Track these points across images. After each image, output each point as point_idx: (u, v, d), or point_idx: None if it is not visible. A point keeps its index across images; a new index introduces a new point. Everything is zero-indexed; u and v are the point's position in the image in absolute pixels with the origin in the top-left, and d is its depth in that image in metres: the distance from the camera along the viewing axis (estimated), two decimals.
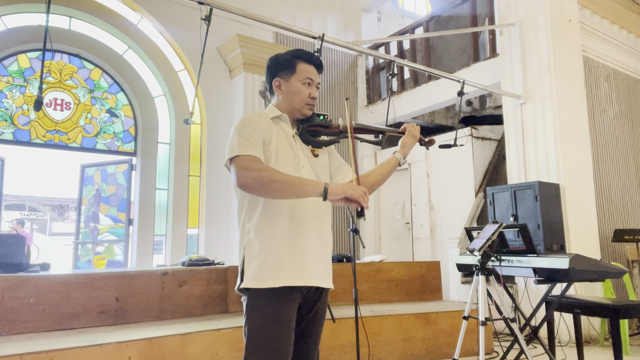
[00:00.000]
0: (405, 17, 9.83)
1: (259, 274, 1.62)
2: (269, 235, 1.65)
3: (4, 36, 5.40)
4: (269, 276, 1.62)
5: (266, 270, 1.62)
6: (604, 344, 4.29)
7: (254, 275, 1.62)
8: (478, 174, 6.01)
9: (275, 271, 1.63)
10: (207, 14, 2.86)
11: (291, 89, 1.79)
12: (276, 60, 1.83)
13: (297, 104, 1.79)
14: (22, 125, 5.56)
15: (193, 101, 3.39)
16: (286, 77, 1.80)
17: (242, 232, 1.70)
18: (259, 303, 1.62)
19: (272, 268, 1.63)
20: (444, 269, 5.19)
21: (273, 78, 1.81)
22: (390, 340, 3.69)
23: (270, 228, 1.65)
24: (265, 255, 1.63)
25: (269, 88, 1.86)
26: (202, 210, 6.38)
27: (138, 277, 3.52)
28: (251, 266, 1.63)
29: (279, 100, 1.82)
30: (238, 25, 6.58)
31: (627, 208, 5.60)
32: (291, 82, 1.79)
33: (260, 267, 1.62)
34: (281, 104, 1.81)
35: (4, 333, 2.95)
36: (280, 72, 1.81)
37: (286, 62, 1.80)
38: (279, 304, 1.63)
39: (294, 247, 1.67)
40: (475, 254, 2.83)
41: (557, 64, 4.73)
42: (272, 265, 1.63)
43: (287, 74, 1.80)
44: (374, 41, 5.03)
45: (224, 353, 3.13)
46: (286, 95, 1.80)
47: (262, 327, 1.60)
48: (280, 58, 1.82)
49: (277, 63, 1.82)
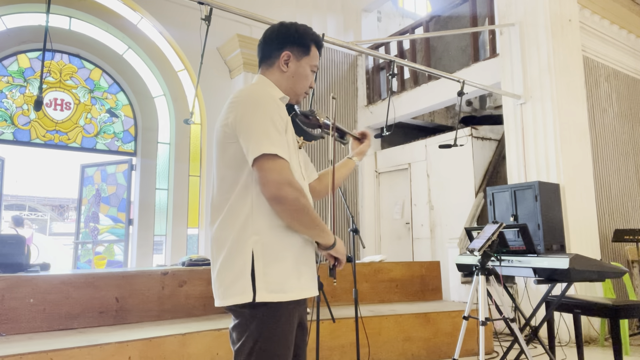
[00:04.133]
0: (405, 17, 9.83)
1: (279, 284, 1.35)
2: (289, 240, 1.40)
3: (4, 36, 5.40)
4: (289, 287, 1.37)
5: (287, 280, 1.37)
6: (604, 344, 4.29)
7: (275, 286, 1.35)
8: (478, 174, 6.01)
9: (294, 280, 1.39)
10: (207, 14, 2.86)
11: (300, 70, 1.56)
12: (288, 30, 1.56)
13: (300, 89, 1.59)
14: (22, 125, 5.56)
15: (193, 101, 3.39)
16: (298, 55, 1.56)
17: (245, 230, 1.37)
18: (275, 319, 1.35)
19: (292, 277, 1.38)
20: (444, 269, 5.19)
21: (282, 49, 1.54)
22: (390, 340, 3.69)
23: (288, 231, 1.40)
24: (286, 262, 1.38)
25: (265, 56, 1.58)
26: (202, 210, 6.38)
27: (138, 277, 3.52)
28: (268, 275, 1.34)
29: (280, 78, 1.56)
30: (238, 25, 6.58)
31: (627, 208, 5.60)
32: (302, 64, 1.56)
33: (281, 276, 1.36)
34: (282, 83, 1.56)
35: (4, 333, 2.95)
36: (292, 47, 1.55)
37: (302, 39, 1.56)
38: (293, 319, 1.40)
39: (308, 255, 1.46)
40: (475, 254, 2.83)
41: (557, 64, 4.73)
42: (293, 273, 1.39)
43: (300, 52, 1.56)
44: (374, 41, 5.03)
45: (224, 353, 3.14)
46: (292, 75, 1.55)
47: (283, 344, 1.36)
48: (293, 30, 1.56)
49: (290, 35, 1.55)
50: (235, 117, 1.40)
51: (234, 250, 1.37)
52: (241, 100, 1.43)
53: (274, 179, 1.32)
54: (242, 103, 1.42)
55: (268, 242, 1.37)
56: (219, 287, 1.39)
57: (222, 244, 1.40)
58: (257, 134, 1.35)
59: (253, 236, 1.36)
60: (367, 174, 7.61)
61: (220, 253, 1.40)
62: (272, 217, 1.38)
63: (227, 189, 1.41)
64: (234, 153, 1.41)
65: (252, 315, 1.34)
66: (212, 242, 1.44)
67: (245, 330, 1.35)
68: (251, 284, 1.33)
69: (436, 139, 6.51)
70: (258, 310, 1.34)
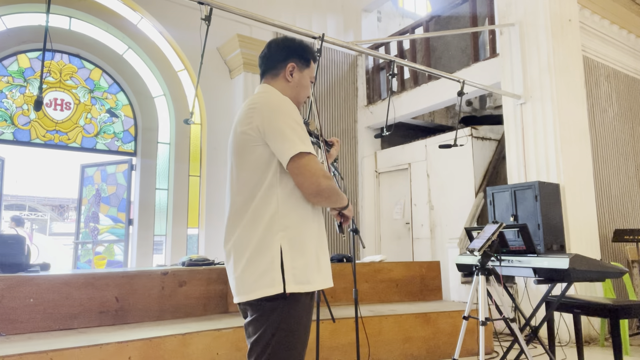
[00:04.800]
0: (405, 17, 9.83)
1: (305, 276, 1.48)
2: (310, 233, 1.53)
3: (4, 36, 5.40)
4: (313, 278, 1.50)
5: (311, 271, 1.50)
6: (604, 344, 4.29)
7: (301, 277, 1.47)
8: (478, 174, 6.01)
9: (316, 272, 1.51)
10: (207, 14, 2.86)
11: (302, 81, 1.72)
12: (292, 43, 1.72)
13: (302, 97, 1.74)
14: (22, 125, 5.56)
15: (193, 101, 3.39)
16: (300, 66, 1.72)
17: (272, 227, 1.48)
18: (301, 309, 1.47)
19: (315, 269, 1.51)
20: (444, 269, 5.19)
21: (287, 60, 1.69)
22: (390, 340, 3.69)
23: (309, 225, 1.53)
24: (309, 254, 1.51)
25: (270, 67, 1.72)
26: (202, 210, 6.38)
27: (138, 277, 3.52)
28: (295, 268, 1.47)
29: (285, 87, 1.69)
30: (238, 25, 6.58)
31: (627, 208, 5.60)
32: (304, 75, 1.73)
33: (306, 268, 1.48)
34: (287, 91, 1.68)
35: (4, 333, 2.95)
36: (296, 59, 1.71)
37: (302, 52, 1.72)
38: (311, 309, 1.52)
39: (324, 246, 1.59)
40: (475, 254, 2.83)
41: (557, 64, 4.73)
42: (315, 265, 1.51)
43: (302, 65, 1.72)
44: (374, 41, 5.02)
45: (224, 353, 3.13)
46: (295, 85, 1.70)
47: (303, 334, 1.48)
48: (296, 45, 1.72)
49: (295, 49, 1.71)
50: (262, 122, 1.50)
51: (262, 247, 1.47)
52: (263, 106, 1.54)
53: (313, 173, 1.46)
54: (265, 109, 1.53)
55: (293, 237, 1.49)
56: (245, 282, 1.48)
57: (248, 243, 1.49)
58: (289, 135, 1.47)
59: (280, 232, 1.47)
60: (367, 174, 7.61)
61: (246, 251, 1.49)
62: (296, 214, 1.51)
63: (251, 190, 1.51)
64: (259, 155, 1.51)
65: (276, 306, 1.44)
66: (236, 242, 1.52)
67: (272, 321, 1.44)
68: (281, 276, 1.44)
69: (436, 139, 6.51)
70: (285, 301, 1.44)
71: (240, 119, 1.58)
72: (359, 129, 7.72)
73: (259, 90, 1.69)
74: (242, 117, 1.57)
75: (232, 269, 1.53)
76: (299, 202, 1.53)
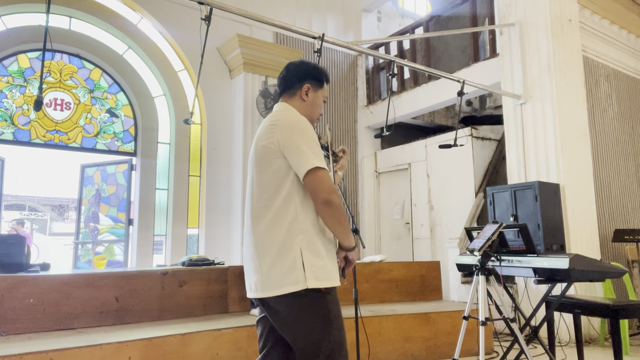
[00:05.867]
0: (405, 17, 9.83)
1: (323, 273, 1.66)
2: (322, 235, 1.71)
3: (4, 36, 5.40)
4: (330, 275, 1.69)
5: (328, 269, 1.68)
6: (604, 344, 4.29)
7: (320, 274, 1.65)
8: (478, 174, 6.01)
9: (331, 271, 1.71)
10: (207, 14, 2.86)
11: (316, 100, 1.90)
12: (307, 66, 1.91)
13: (315, 115, 1.91)
14: (22, 125, 5.56)
15: (193, 101, 3.39)
16: (315, 87, 1.89)
17: (292, 230, 1.67)
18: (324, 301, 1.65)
19: (330, 268, 1.70)
20: (444, 269, 5.19)
21: (303, 81, 1.87)
22: (390, 340, 3.69)
23: (324, 228, 1.72)
24: (324, 255, 1.68)
25: (288, 87, 1.89)
26: (202, 210, 6.38)
27: (138, 277, 3.52)
28: (314, 266, 1.65)
29: (301, 106, 1.86)
30: (238, 25, 6.58)
31: (627, 208, 5.60)
32: (318, 95, 1.90)
33: (323, 266, 1.67)
34: (302, 110, 1.85)
35: (4, 333, 2.95)
36: (310, 80, 1.88)
37: (317, 74, 1.91)
38: (337, 300, 1.71)
39: (333, 248, 1.77)
40: (475, 254, 2.83)
41: (557, 64, 4.73)
42: (330, 265, 1.70)
43: (316, 85, 1.90)
44: (374, 41, 5.03)
45: (224, 353, 3.14)
46: (310, 104, 1.88)
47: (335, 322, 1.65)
48: (311, 68, 1.91)
49: (309, 70, 1.90)
50: (283, 137, 1.70)
51: (284, 248, 1.65)
52: (284, 124, 1.73)
53: (326, 187, 1.64)
54: (285, 126, 1.72)
55: (311, 239, 1.67)
56: (271, 280, 1.65)
57: (271, 244, 1.67)
58: (306, 151, 1.66)
59: (299, 235, 1.66)
60: (367, 174, 7.62)
61: (269, 252, 1.67)
62: (313, 219, 1.69)
63: (271, 197, 1.70)
64: (279, 167, 1.70)
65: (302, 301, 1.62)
66: (256, 244, 1.70)
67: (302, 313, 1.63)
68: (303, 274, 1.63)
69: (436, 139, 6.51)
70: (309, 295, 1.63)
71: (262, 134, 1.76)
72: (359, 129, 7.73)
73: (279, 108, 1.86)
74: (264, 133, 1.75)
75: (255, 268, 1.70)
76: (313, 209, 1.71)
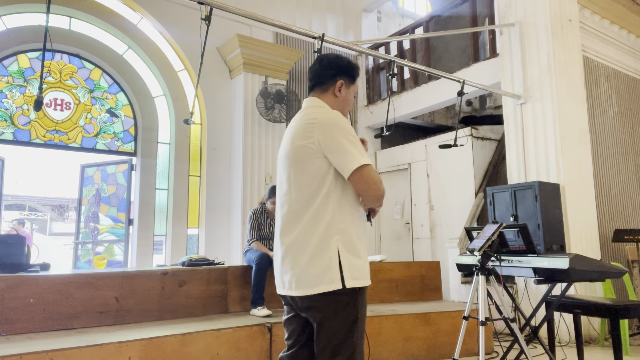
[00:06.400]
0: (405, 17, 9.83)
1: (360, 272, 1.67)
2: (358, 236, 1.72)
3: (4, 36, 5.40)
4: (365, 274, 1.70)
5: (364, 269, 1.69)
6: (604, 344, 4.29)
7: (357, 274, 1.66)
8: (478, 174, 6.01)
9: (367, 270, 1.72)
10: (207, 14, 2.86)
11: (348, 96, 1.87)
12: (341, 62, 1.86)
13: (346, 111, 1.88)
14: (22, 125, 5.56)
15: (193, 101, 3.40)
16: (348, 83, 1.86)
17: (329, 230, 1.66)
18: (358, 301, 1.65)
19: (366, 267, 1.70)
20: (444, 269, 5.19)
21: (337, 77, 1.84)
22: (390, 340, 3.69)
23: (358, 228, 1.72)
24: (360, 254, 1.69)
25: (320, 82, 1.85)
26: (202, 210, 6.38)
27: (138, 277, 3.52)
28: (352, 265, 1.65)
29: (334, 102, 1.84)
30: (238, 25, 6.58)
31: (627, 208, 5.60)
32: (350, 91, 1.88)
33: (360, 265, 1.68)
34: (335, 106, 1.83)
35: (4, 333, 2.95)
36: (344, 76, 1.85)
37: (350, 70, 1.87)
38: (366, 302, 1.72)
39: (366, 248, 1.78)
40: (475, 254, 2.83)
41: (557, 64, 4.73)
42: (365, 264, 1.71)
43: (349, 81, 1.87)
44: (374, 41, 5.02)
45: (224, 353, 3.14)
46: (342, 100, 1.85)
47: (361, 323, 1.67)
48: (345, 63, 1.87)
49: (343, 66, 1.85)
50: (324, 137, 1.67)
51: (321, 248, 1.64)
52: (322, 123, 1.69)
53: (375, 182, 1.66)
54: (325, 125, 1.69)
55: (348, 239, 1.67)
56: (305, 279, 1.65)
57: (307, 244, 1.66)
58: (349, 149, 1.65)
59: (336, 235, 1.65)
60: None
61: (305, 251, 1.66)
62: (350, 218, 1.69)
63: (310, 197, 1.69)
64: (319, 167, 1.68)
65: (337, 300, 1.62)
66: (293, 243, 1.70)
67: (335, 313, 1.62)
68: (339, 274, 1.62)
69: (436, 139, 6.51)
70: (345, 295, 1.63)
71: (299, 132, 1.73)
72: (359, 129, 7.72)
73: (311, 104, 1.82)
74: (301, 131, 1.72)
75: (290, 266, 1.69)
76: (349, 208, 1.71)
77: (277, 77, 6.68)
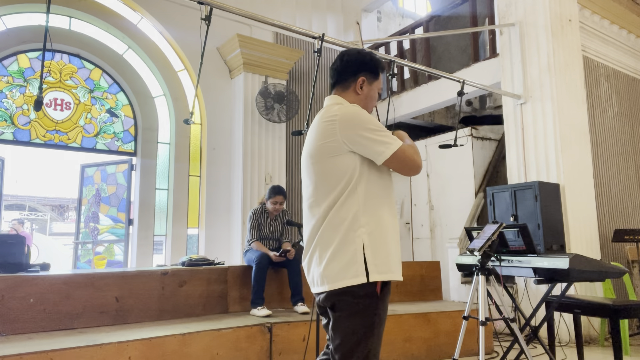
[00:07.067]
0: (405, 17, 9.82)
1: (386, 265, 1.63)
2: (387, 228, 1.67)
3: (4, 36, 5.40)
4: (393, 268, 1.65)
5: (391, 262, 1.64)
6: (604, 344, 4.29)
7: (383, 267, 1.61)
8: (478, 174, 6.01)
9: (395, 263, 1.67)
10: (207, 14, 2.86)
11: (371, 93, 1.83)
12: (363, 58, 1.81)
13: (370, 109, 1.84)
14: (22, 125, 5.56)
15: (193, 101, 3.40)
16: (370, 80, 1.81)
17: (354, 224, 1.62)
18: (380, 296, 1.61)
19: (394, 260, 1.66)
20: (444, 269, 5.19)
21: (358, 74, 1.79)
22: (390, 340, 3.69)
23: (387, 221, 1.67)
24: (389, 247, 1.65)
25: (342, 79, 1.81)
26: (202, 210, 6.38)
27: (138, 277, 3.52)
28: (377, 259, 1.61)
29: (356, 99, 1.80)
30: (238, 25, 6.57)
31: (627, 208, 5.60)
32: (373, 87, 1.83)
33: (387, 259, 1.63)
34: (356, 103, 1.79)
35: (4, 333, 2.95)
36: (366, 72, 1.80)
37: (374, 65, 1.82)
38: (388, 297, 1.67)
39: (397, 241, 1.72)
40: (475, 254, 2.83)
41: (557, 64, 4.73)
42: (394, 257, 1.66)
43: (372, 77, 1.82)
44: (374, 41, 5.03)
45: (224, 353, 3.14)
46: (365, 96, 1.81)
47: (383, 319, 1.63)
48: (367, 58, 1.82)
49: (365, 62, 1.81)
50: (347, 134, 1.65)
51: (345, 242, 1.61)
52: (342, 119, 1.66)
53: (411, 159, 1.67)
54: (346, 122, 1.66)
55: (373, 231, 1.62)
56: (329, 274, 1.62)
57: (332, 239, 1.63)
58: (376, 139, 1.64)
59: (360, 228, 1.61)
60: None
61: (330, 246, 1.63)
62: (374, 211, 1.65)
63: (337, 194, 1.65)
64: (342, 163, 1.66)
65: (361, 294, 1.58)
66: (320, 239, 1.66)
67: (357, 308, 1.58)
68: (364, 268, 1.59)
69: (436, 139, 6.51)
70: (369, 289, 1.59)
71: (320, 132, 1.70)
72: None
73: (332, 102, 1.79)
74: (323, 131, 1.69)
75: (316, 262, 1.67)
76: (376, 200, 1.67)
77: (277, 77, 6.68)
